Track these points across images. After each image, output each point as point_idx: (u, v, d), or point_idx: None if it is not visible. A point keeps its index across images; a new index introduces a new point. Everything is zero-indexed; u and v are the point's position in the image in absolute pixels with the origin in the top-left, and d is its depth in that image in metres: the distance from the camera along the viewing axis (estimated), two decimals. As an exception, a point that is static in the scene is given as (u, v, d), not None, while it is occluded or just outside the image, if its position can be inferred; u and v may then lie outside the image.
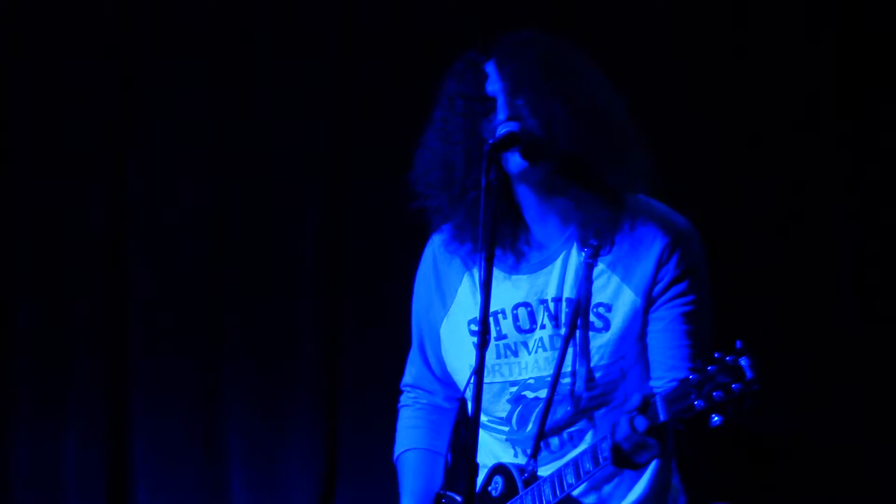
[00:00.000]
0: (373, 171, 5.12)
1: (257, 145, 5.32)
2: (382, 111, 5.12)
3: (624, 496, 3.44)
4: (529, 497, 3.35)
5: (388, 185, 3.69)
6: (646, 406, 3.10)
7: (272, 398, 5.28)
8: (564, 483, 3.29)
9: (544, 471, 3.39)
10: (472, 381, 3.14)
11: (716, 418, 2.98)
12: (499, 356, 3.49)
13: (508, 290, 3.49)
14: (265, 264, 5.31)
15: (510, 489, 3.40)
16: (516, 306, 3.49)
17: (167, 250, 5.36)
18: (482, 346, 3.14)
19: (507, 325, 3.49)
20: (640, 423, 3.11)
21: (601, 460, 3.20)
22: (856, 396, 4.70)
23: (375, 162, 5.12)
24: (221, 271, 5.33)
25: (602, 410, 3.42)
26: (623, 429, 3.16)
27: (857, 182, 4.75)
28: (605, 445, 3.18)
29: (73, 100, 5.44)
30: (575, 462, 3.27)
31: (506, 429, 3.50)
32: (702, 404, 2.99)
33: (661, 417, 3.07)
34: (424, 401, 3.72)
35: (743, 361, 2.97)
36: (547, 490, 3.32)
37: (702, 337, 3.40)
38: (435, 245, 3.64)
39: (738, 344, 3.01)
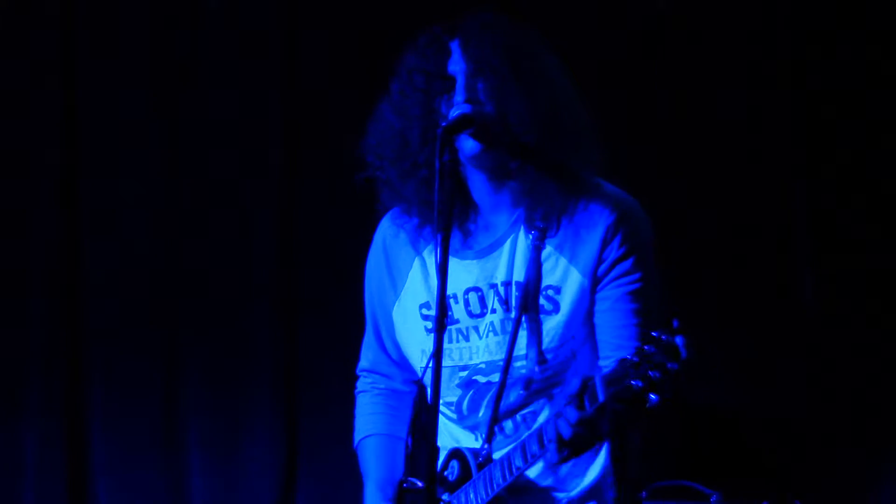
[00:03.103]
0: (324, 167, 5.10)
1: (208, 144, 5.30)
2: (332, 109, 5.10)
3: (582, 475, 3.47)
4: (482, 481, 3.36)
5: (340, 180, 3.68)
6: (584, 388, 3.10)
7: (231, 395, 5.27)
8: (513, 466, 3.30)
9: (499, 454, 3.39)
10: (429, 365, 3.15)
11: (653, 397, 2.99)
12: (450, 340, 3.49)
13: (460, 275, 3.48)
14: (221, 261, 5.27)
15: (465, 473, 3.41)
16: (467, 291, 3.49)
17: (123, 248, 5.33)
18: (440, 330, 3.13)
19: (458, 310, 3.50)
20: (572, 413, 3.11)
21: (546, 442, 3.20)
22: (800, 371, 4.70)
23: (326, 156, 5.10)
24: (178, 268, 5.30)
25: (554, 391, 3.42)
26: (553, 423, 3.16)
27: (816, 159, 4.74)
28: (550, 428, 3.18)
29: (19, 98, 5.38)
30: (522, 445, 3.28)
31: (454, 415, 3.52)
32: (639, 384, 2.97)
33: (601, 398, 3.06)
34: (382, 385, 3.71)
35: (678, 340, 2.96)
36: (497, 473, 3.33)
37: (649, 314, 3.40)
38: (384, 228, 3.63)
39: (675, 323, 2.99)
